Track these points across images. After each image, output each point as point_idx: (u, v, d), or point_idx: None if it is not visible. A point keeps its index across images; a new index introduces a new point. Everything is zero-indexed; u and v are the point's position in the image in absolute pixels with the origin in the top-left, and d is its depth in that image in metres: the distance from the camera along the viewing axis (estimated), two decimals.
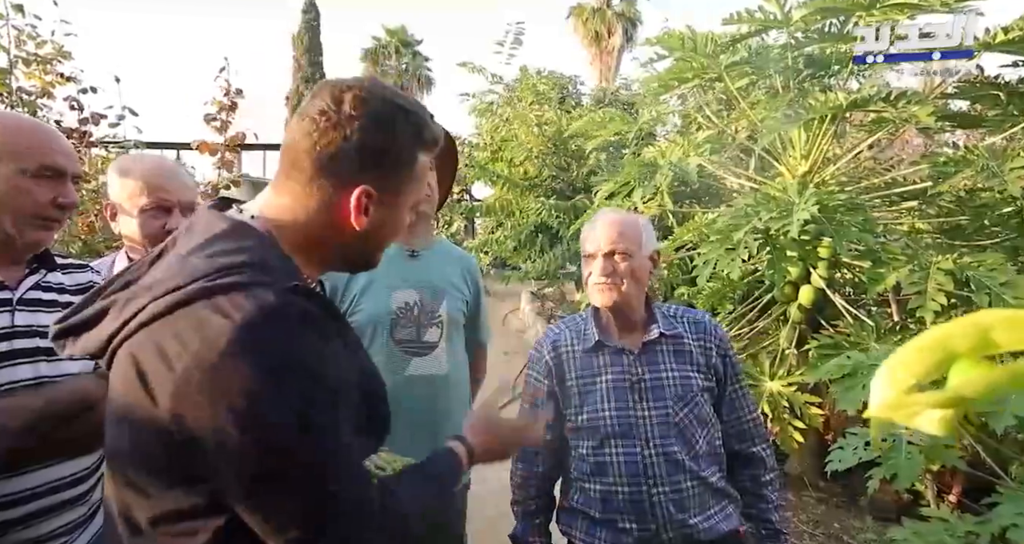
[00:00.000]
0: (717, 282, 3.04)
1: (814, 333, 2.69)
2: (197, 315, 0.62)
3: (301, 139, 0.73)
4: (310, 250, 0.78)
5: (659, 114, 3.59)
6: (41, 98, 3.03)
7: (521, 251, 7.05)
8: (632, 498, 1.25)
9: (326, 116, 0.72)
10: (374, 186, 0.75)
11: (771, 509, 1.35)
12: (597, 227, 1.35)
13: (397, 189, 0.78)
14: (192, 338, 0.61)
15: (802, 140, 2.83)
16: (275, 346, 0.62)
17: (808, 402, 2.61)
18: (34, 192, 1.01)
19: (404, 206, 0.81)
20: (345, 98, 0.72)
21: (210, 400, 0.60)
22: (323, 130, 0.72)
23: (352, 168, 0.73)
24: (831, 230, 2.10)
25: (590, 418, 1.30)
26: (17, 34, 2.74)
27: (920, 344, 0.25)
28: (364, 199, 0.74)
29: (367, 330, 1.52)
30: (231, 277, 0.65)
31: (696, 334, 1.37)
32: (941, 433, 0.25)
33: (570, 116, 6.81)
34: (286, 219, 0.76)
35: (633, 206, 3.20)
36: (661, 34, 2.91)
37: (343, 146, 0.72)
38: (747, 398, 1.40)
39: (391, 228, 0.82)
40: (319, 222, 0.76)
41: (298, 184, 0.75)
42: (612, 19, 23.05)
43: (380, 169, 0.75)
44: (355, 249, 0.81)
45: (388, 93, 0.76)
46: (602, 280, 1.31)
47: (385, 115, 0.74)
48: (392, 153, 0.76)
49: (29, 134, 1.03)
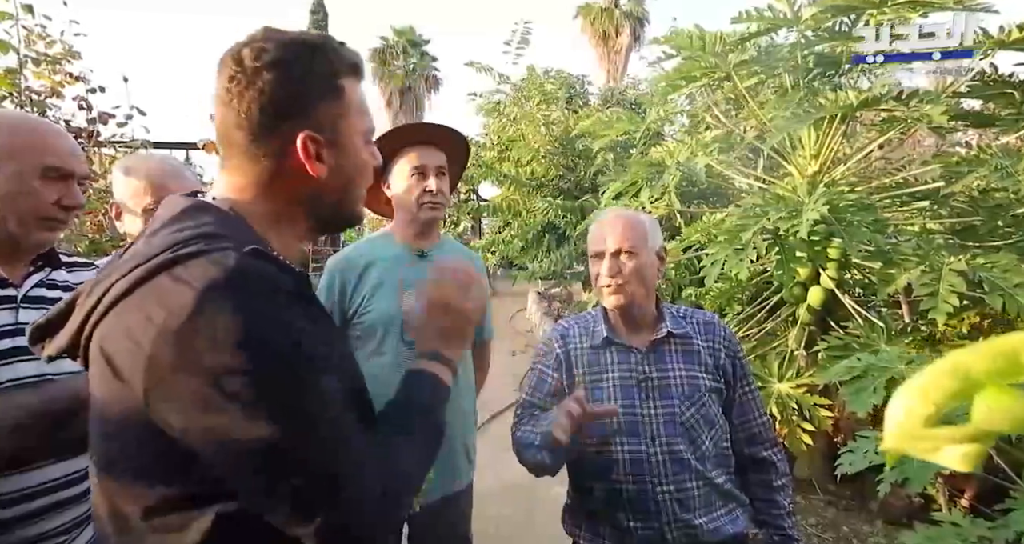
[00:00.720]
0: (725, 283, 3.02)
1: (823, 334, 2.66)
2: (159, 289, 0.61)
3: (225, 115, 0.72)
4: (281, 221, 0.76)
5: (667, 113, 3.57)
6: (50, 98, 3.05)
7: (528, 251, 7.04)
8: (637, 496, 1.24)
9: (235, 80, 0.70)
10: (313, 129, 0.73)
11: (783, 515, 1.33)
12: (602, 226, 1.34)
13: (337, 125, 0.76)
14: (157, 312, 0.59)
15: (812, 140, 2.81)
16: (241, 308, 0.59)
17: (817, 404, 2.58)
18: (39, 192, 1.01)
19: (355, 142, 0.78)
20: (244, 55, 0.70)
21: (185, 371, 0.58)
22: (239, 95, 0.70)
23: (282, 119, 0.71)
24: (841, 230, 2.08)
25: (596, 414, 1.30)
26: (27, 34, 2.75)
27: (940, 369, 0.23)
28: (310, 144, 0.73)
29: (377, 330, 1.52)
30: (189, 248, 0.63)
31: (705, 335, 1.36)
32: (966, 469, 0.23)
33: (577, 116, 6.80)
34: (246, 197, 0.75)
35: (640, 206, 3.18)
36: (669, 33, 2.89)
37: (263, 101, 0.70)
38: (757, 401, 1.39)
39: (354, 169, 0.79)
40: (279, 188, 0.75)
41: (243, 159, 0.73)
42: (620, 18, 23.00)
43: (309, 109, 0.73)
44: (328, 202, 0.78)
45: (286, 35, 0.74)
46: (609, 280, 1.30)
47: (289, 55, 0.72)
48: (314, 89, 0.73)
49: (36, 134, 1.03)
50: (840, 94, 2.34)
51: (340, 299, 1.56)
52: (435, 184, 1.55)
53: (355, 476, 0.63)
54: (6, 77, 2.60)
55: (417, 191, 1.55)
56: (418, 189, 1.55)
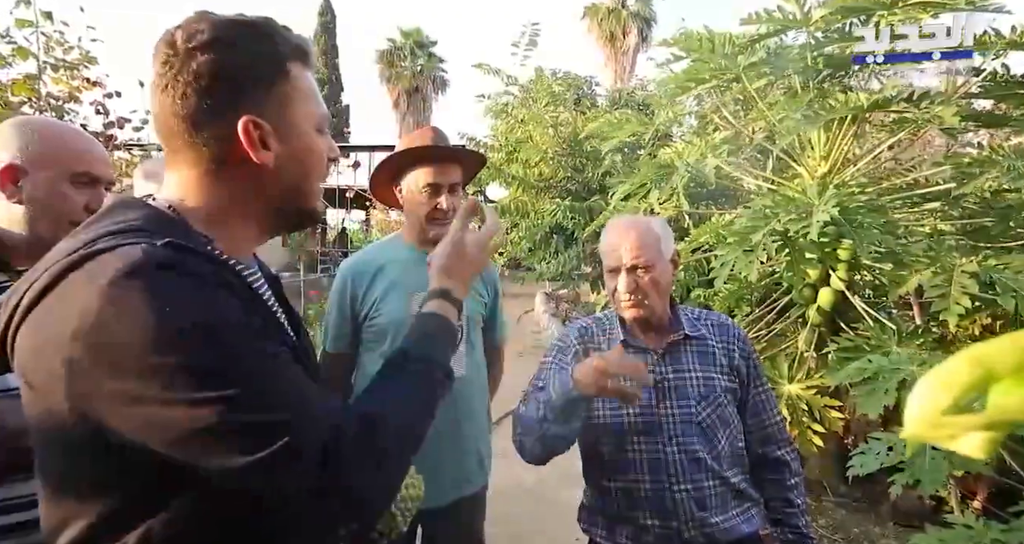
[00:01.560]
0: (734, 284, 3.02)
1: (833, 336, 2.66)
2: (68, 288, 0.57)
3: (161, 103, 0.66)
4: (229, 218, 0.72)
5: (675, 115, 3.58)
6: (68, 103, 3.10)
7: (536, 252, 7.06)
8: (654, 495, 1.25)
9: (168, 64, 0.65)
10: (256, 113, 0.68)
11: (798, 513, 1.34)
12: (616, 239, 1.34)
13: (283, 111, 0.70)
14: (67, 314, 0.55)
15: (821, 141, 2.80)
16: (151, 296, 0.55)
17: (828, 405, 2.58)
18: (71, 198, 1.05)
19: (305, 130, 0.73)
20: (177, 36, 0.65)
21: (108, 371, 0.55)
22: (173, 80, 0.65)
23: (222, 103, 0.66)
24: (851, 232, 2.08)
25: (613, 414, 1.31)
26: (46, 40, 2.81)
27: (961, 361, 0.25)
28: (253, 129, 0.67)
29: (388, 333, 1.54)
30: (99, 244, 0.59)
31: (720, 336, 1.38)
32: (982, 456, 0.25)
33: (585, 117, 6.80)
34: (190, 193, 0.70)
35: (649, 207, 3.19)
36: (678, 35, 2.90)
37: (199, 85, 0.65)
38: (771, 402, 1.40)
39: (305, 158, 0.74)
40: (224, 180, 0.70)
41: (185, 151, 0.68)
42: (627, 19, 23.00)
43: (250, 93, 0.68)
44: (279, 195, 0.73)
45: (224, 16, 0.69)
46: (628, 296, 1.31)
47: (228, 33, 0.67)
48: (255, 72, 0.68)
49: (66, 141, 1.07)
50: (850, 95, 2.34)
51: (352, 302, 1.58)
52: (446, 202, 1.57)
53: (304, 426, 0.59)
54: (26, 83, 2.65)
55: (428, 208, 1.57)
56: (429, 206, 1.57)
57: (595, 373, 1.10)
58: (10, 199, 1.03)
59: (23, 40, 2.60)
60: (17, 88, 2.61)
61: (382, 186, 1.68)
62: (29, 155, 1.03)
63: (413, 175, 1.59)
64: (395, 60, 27.82)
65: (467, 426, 1.61)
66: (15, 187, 1.02)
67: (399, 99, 27.97)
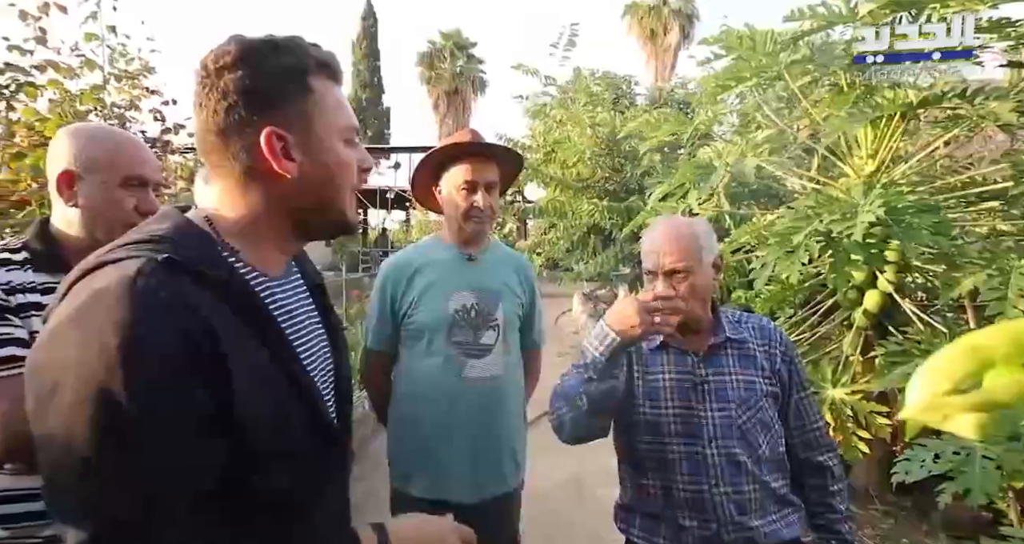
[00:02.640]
0: (776, 285, 2.96)
1: (881, 339, 2.58)
2: (73, 292, 0.61)
3: (199, 121, 0.72)
4: (259, 228, 0.75)
5: (715, 114, 3.52)
6: (129, 111, 3.29)
7: (574, 252, 7.05)
8: (693, 495, 1.25)
9: (203, 84, 0.71)
10: (279, 126, 0.71)
11: (840, 520, 1.32)
12: (655, 241, 1.32)
13: (306, 122, 0.74)
14: (59, 312, 0.60)
15: (869, 139, 2.72)
16: (108, 319, 0.57)
17: (874, 411, 2.50)
18: (122, 201, 1.12)
19: (330, 140, 0.76)
20: (208, 59, 0.71)
21: (38, 370, 0.58)
22: (205, 98, 0.70)
23: (248, 116, 0.70)
24: (899, 232, 2.01)
25: (652, 413, 1.30)
26: (110, 53, 2.99)
27: (956, 349, 0.26)
28: (276, 141, 0.71)
29: (425, 332, 1.58)
30: (116, 253, 0.63)
31: (761, 339, 1.36)
32: (974, 437, 0.26)
33: (624, 116, 6.76)
34: (224, 204, 0.74)
35: (688, 208, 3.16)
36: (719, 33, 2.86)
37: (227, 101, 0.70)
38: (812, 406, 1.37)
39: (331, 167, 0.76)
40: (253, 191, 0.74)
41: (220, 163, 0.73)
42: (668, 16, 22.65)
43: (274, 106, 0.71)
44: (306, 204, 0.76)
45: (251, 38, 0.73)
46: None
47: (251, 53, 0.71)
48: (277, 85, 0.72)
49: (117, 146, 1.14)
50: (899, 92, 2.27)
51: (391, 302, 1.63)
52: (483, 200, 1.60)
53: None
54: (92, 93, 2.82)
55: (465, 205, 1.60)
56: (466, 204, 1.60)
57: (629, 306, 1.12)
58: (67, 203, 1.10)
59: (90, 53, 2.78)
60: (85, 98, 2.79)
61: (422, 187, 1.72)
62: (83, 161, 1.10)
63: (451, 173, 1.63)
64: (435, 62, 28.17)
65: (502, 425, 1.63)
66: (71, 192, 1.10)
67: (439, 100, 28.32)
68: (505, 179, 1.72)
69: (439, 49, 28.17)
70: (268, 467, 0.67)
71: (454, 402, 1.56)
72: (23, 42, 2.34)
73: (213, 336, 0.62)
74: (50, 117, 2.53)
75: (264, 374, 0.68)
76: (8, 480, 0.99)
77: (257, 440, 0.65)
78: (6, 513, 0.99)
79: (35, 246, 1.10)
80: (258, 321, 0.70)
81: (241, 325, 0.67)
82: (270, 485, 0.68)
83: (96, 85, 2.87)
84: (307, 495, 0.75)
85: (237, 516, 0.66)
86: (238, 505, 0.65)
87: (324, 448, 0.77)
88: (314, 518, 0.76)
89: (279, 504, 0.70)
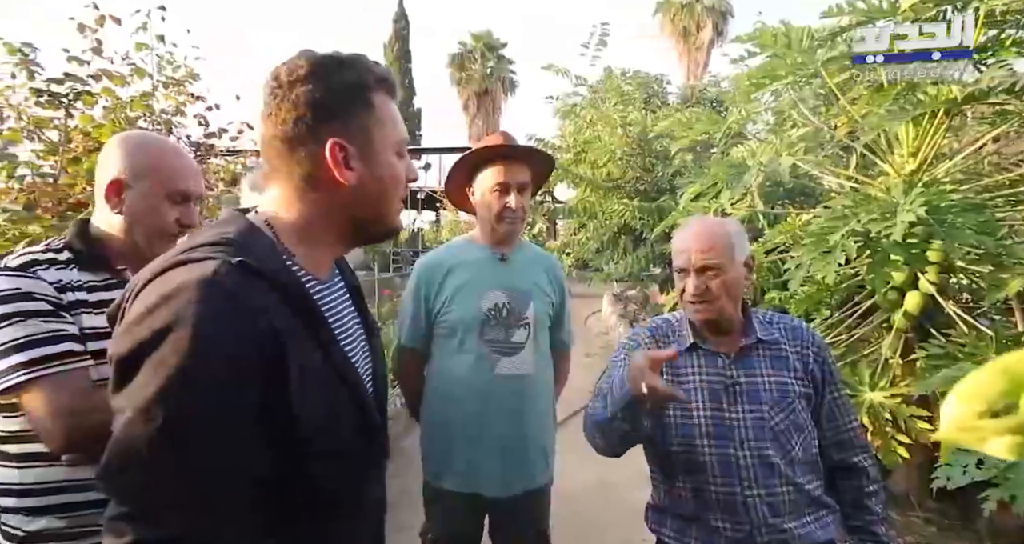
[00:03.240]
0: (811, 286, 2.90)
1: (922, 342, 2.51)
2: (155, 284, 0.65)
3: (266, 128, 0.77)
4: (313, 232, 0.80)
5: (749, 113, 3.47)
6: (175, 116, 3.43)
7: (603, 253, 7.02)
8: (725, 497, 1.24)
9: (273, 94, 0.76)
10: (342, 136, 0.76)
11: (876, 521, 1.30)
12: (686, 239, 1.32)
13: (366, 135, 0.78)
14: (135, 307, 0.64)
15: (910, 136, 2.65)
16: (180, 315, 0.60)
17: (915, 415, 2.44)
18: (165, 212, 1.16)
19: (386, 153, 0.81)
20: (281, 71, 0.76)
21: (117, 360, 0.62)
22: (276, 108, 0.75)
23: (315, 127, 0.75)
24: (941, 232, 1.96)
25: (683, 416, 1.30)
26: (158, 61, 3.12)
27: (989, 370, 0.27)
28: (338, 151, 0.76)
29: (458, 330, 1.61)
30: (195, 252, 0.67)
31: (793, 340, 1.35)
32: (1011, 458, 0.27)
33: (655, 116, 6.70)
34: (283, 208, 0.79)
35: (720, 207, 3.13)
36: (753, 31, 2.83)
37: (297, 112, 0.75)
38: (847, 407, 1.35)
39: (385, 179, 0.81)
40: (313, 198, 0.78)
41: (283, 169, 0.78)
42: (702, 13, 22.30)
43: (337, 117, 0.76)
44: (360, 213, 0.81)
45: (321, 53, 0.79)
46: (696, 300, 1.30)
47: (321, 68, 0.76)
48: (343, 98, 0.77)
49: (168, 159, 1.18)
50: (942, 88, 2.20)
51: (424, 300, 1.67)
52: (515, 201, 1.63)
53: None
54: (141, 100, 2.96)
55: (498, 207, 1.64)
56: (499, 205, 1.64)
57: (633, 371, 1.09)
58: (113, 210, 1.15)
59: (139, 62, 2.91)
60: (135, 105, 2.93)
61: (457, 189, 1.76)
62: (132, 171, 1.14)
63: (484, 175, 1.66)
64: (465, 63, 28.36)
65: (532, 423, 1.66)
66: (119, 199, 1.14)
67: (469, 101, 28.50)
68: (537, 180, 1.75)
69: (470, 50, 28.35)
70: (317, 466, 0.70)
71: (486, 399, 1.60)
72: (81, 53, 2.47)
73: (277, 338, 0.66)
74: (104, 123, 2.66)
75: (319, 375, 0.72)
76: (66, 471, 1.03)
77: (309, 439, 0.68)
78: (64, 502, 1.04)
79: (77, 246, 1.14)
80: (313, 323, 0.74)
81: (300, 327, 0.71)
82: (317, 484, 0.71)
83: (145, 92, 3.01)
84: (349, 493, 0.78)
85: (283, 514, 0.69)
86: (283, 504, 0.68)
87: (368, 447, 0.80)
88: (354, 517, 0.79)
89: (323, 502, 0.73)
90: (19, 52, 2.42)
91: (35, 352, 0.98)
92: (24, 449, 1.04)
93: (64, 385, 0.98)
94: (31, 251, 1.11)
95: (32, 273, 1.05)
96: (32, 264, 1.07)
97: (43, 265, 1.08)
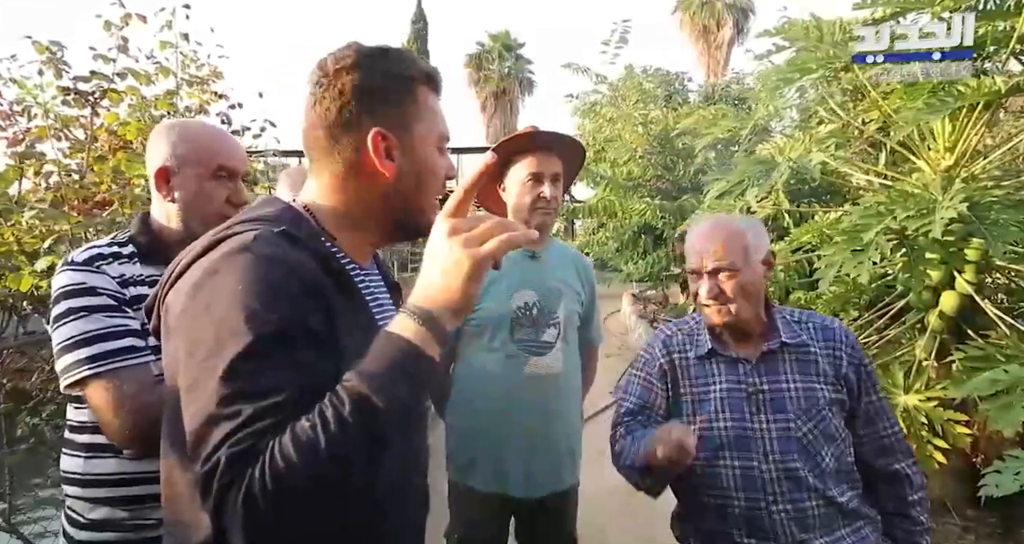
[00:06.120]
0: (840, 286, 2.82)
1: (959, 344, 2.42)
2: (204, 259, 0.68)
3: (311, 118, 0.77)
4: (352, 221, 0.80)
5: (776, 109, 3.40)
6: (198, 114, 3.45)
7: (623, 252, 6.96)
8: (749, 513, 1.19)
9: (319, 84, 0.76)
10: (384, 126, 0.76)
11: (920, 532, 1.23)
12: (698, 240, 1.28)
13: (408, 125, 0.78)
14: (193, 275, 0.67)
15: (946, 131, 2.56)
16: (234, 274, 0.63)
17: (952, 419, 2.35)
18: (214, 193, 1.15)
19: (426, 146, 0.81)
20: (328, 62, 0.77)
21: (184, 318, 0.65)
22: (321, 97, 0.76)
23: (357, 117, 0.75)
24: (984, 230, 1.88)
25: (703, 427, 1.24)
26: (183, 59, 3.14)
27: None
28: (381, 141, 0.76)
29: (488, 328, 1.59)
30: (235, 228, 0.70)
31: (824, 342, 1.28)
32: None
33: (677, 114, 6.62)
34: (323, 195, 0.80)
35: (746, 206, 3.06)
36: (781, 24, 2.76)
37: (342, 100, 0.75)
38: (886, 411, 1.29)
39: (424, 172, 0.81)
40: (353, 187, 0.78)
41: (324, 158, 0.78)
42: (722, 11, 22.03)
43: (381, 108, 0.76)
44: (398, 204, 0.80)
45: (367, 45, 0.79)
46: (709, 301, 1.25)
47: (367, 58, 0.76)
48: (387, 91, 0.77)
49: (209, 139, 1.18)
50: (984, 80, 2.12)
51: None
52: (549, 191, 1.59)
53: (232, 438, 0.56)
54: (166, 98, 2.98)
55: (531, 197, 1.59)
56: (532, 195, 1.59)
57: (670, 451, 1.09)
58: (165, 199, 1.14)
59: (164, 60, 2.93)
60: (159, 103, 2.95)
61: (485, 185, 1.73)
62: (177, 156, 1.14)
63: (516, 168, 1.63)
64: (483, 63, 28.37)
65: (559, 424, 1.63)
66: (168, 187, 1.14)
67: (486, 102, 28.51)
68: (568, 173, 1.71)
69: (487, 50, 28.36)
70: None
71: (514, 398, 1.57)
72: (107, 51, 2.49)
73: (326, 295, 0.68)
74: (130, 121, 2.69)
75: (360, 351, 0.66)
76: (128, 464, 1.05)
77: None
78: (127, 495, 1.06)
79: (140, 239, 1.15)
80: (354, 300, 0.75)
81: (343, 300, 0.71)
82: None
83: (170, 90, 3.03)
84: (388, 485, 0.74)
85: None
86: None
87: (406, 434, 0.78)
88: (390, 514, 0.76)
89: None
90: (47, 50, 2.44)
91: (99, 347, 1.00)
92: (92, 440, 1.07)
93: (127, 380, 0.99)
94: (97, 245, 1.13)
95: (96, 268, 1.07)
96: (97, 258, 1.08)
97: (107, 259, 1.09)
